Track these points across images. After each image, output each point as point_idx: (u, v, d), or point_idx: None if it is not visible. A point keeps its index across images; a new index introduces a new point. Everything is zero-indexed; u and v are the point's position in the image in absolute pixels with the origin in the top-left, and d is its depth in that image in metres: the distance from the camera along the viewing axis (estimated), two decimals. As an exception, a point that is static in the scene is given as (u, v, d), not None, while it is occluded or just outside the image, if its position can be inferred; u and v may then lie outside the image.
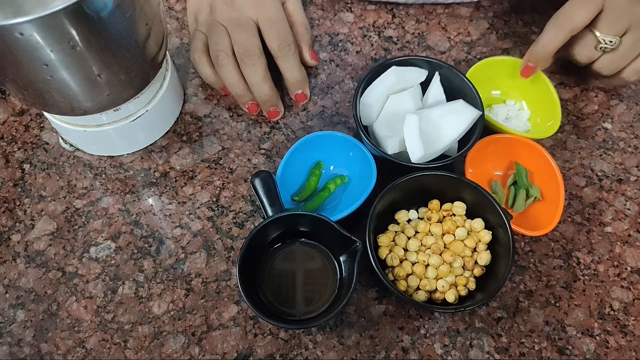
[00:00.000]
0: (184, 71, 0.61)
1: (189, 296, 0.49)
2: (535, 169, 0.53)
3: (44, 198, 0.54)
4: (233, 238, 0.52)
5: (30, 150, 0.56)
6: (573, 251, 0.52)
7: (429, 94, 0.54)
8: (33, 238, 0.52)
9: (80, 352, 0.47)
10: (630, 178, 0.56)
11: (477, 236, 0.48)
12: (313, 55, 0.59)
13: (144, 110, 0.52)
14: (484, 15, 0.66)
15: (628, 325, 0.48)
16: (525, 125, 0.57)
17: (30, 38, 0.36)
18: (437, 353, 0.47)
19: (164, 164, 0.56)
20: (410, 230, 0.49)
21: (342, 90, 0.61)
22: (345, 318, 0.48)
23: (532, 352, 0.47)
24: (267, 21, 0.55)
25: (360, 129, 0.50)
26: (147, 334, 0.48)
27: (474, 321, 0.48)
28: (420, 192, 0.50)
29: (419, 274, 0.47)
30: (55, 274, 0.50)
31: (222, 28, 0.54)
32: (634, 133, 0.58)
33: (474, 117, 0.51)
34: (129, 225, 0.52)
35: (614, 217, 0.54)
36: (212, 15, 0.55)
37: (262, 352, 0.47)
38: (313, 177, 0.53)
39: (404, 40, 0.64)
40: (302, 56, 0.59)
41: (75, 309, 0.49)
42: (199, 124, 0.58)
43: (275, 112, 0.57)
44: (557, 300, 0.49)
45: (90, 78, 0.43)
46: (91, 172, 0.55)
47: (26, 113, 0.59)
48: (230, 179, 0.55)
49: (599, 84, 0.61)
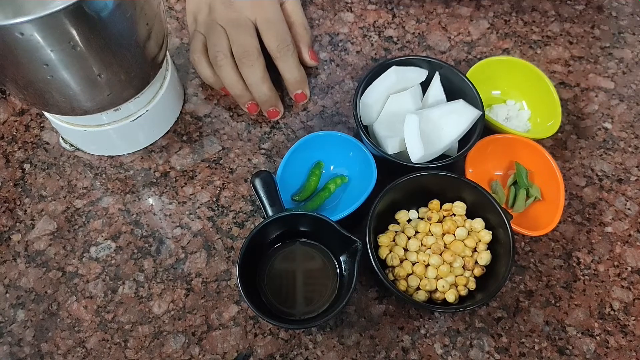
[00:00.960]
0: (184, 71, 0.61)
1: (189, 296, 0.49)
2: (536, 169, 0.53)
3: (44, 198, 0.54)
4: (233, 238, 0.52)
5: (30, 150, 0.57)
6: (573, 251, 0.52)
7: (429, 94, 0.54)
8: (33, 238, 0.52)
9: (80, 352, 0.47)
10: (631, 178, 0.56)
11: (477, 236, 0.48)
12: (313, 56, 0.59)
13: (144, 110, 0.52)
14: (484, 15, 0.66)
15: (628, 325, 0.48)
16: (525, 125, 0.57)
17: (31, 38, 0.36)
18: (437, 353, 0.47)
19: (164, 164, 0.56)
20: (411, 230, 0.49)
21: (342, 90, 0.61)
22: (345, 318, 0.48)
23: (532, 352, 0.47)
24: (265, 22, 0.55)
25: (361, 129, 0.50)
26: (147, 333, 0.48)
27: (474, 321, 0.48)
28: (421, 192, 0.50)
29: (419, 274, 0.47)
30: (55, 274, 0.50)
31: (221, 29, 0.54)
32: (634, 133, 0.58)
33: (474, 117, 0.50)
34: (129, 225, 0.52)
35: (614, 217, 0.54)
36: (210, 15, 0.55)
37: (262, 352, 0.47)
38: (313, 177, 0.53)
39: (404, 40, 0.64)
40: (301, 57, 0.58)
41: (76, 308, 0.49)
42: (199, 123, 0.58)
43: (275, 112, 0.57)
44: (557, 300, 0.49)
45: (90, 78, 0.43)
46: (91, 172, 0.55)
47: (26, 113, 0.59)
48: (230, 179, 0.55)
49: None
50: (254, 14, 0.55)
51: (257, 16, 0.55)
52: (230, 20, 0.54)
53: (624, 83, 0.62)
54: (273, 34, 0.55)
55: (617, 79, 0.62)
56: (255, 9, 0.55)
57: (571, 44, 0.64)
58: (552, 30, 0.65)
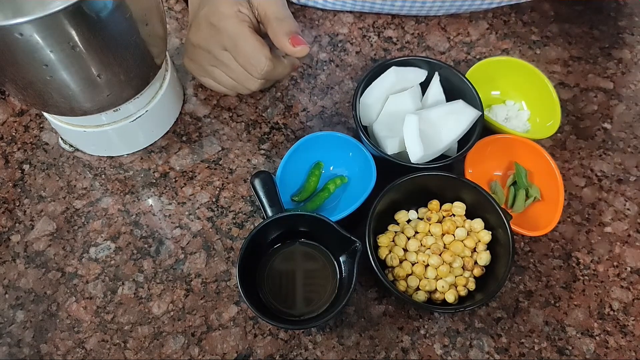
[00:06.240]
0: (183, 71, 0.61)
1: (189, 296, 0.49)
2: (535, 169, 0.53)
3: (44, 198, 0.54)
4: (233, 238, 0.52)
5: (29, 151, 0.56)
6: (573, 251, 0.52)
7: (428, 94, 0.54)
8: (33, 238, 0.52)
9: (80, 353, 0.47)
10: (630, 178, 0.56)
11: (477, 236, 0.48)
12: (295, 41, 0.49)
13: (143, 110, 0.52)
14: (484, 15, 0.66)
15: (628, 326, 0.48)
16: (524, 126, 0.57)
17: (30, 38, 0.36)
18: (437, 353, 0.47)
19: (164, 165, 0.56)
20: (410, 230, 0.49)
21: (342, 90, 0.61)
22: (345, 318, 0.48)
23: (532, 352, 0.47)
24: (233, 49, 0.50)
25: (360, 129, 0.50)
26: (146, 334, 0.48)
27: (474, 321, 0.48)
28: (420, 193, 0.50)
29: (419, 274, 0.47)
30: (54, 275, 0.50)
31: (203, 52, 0.52)
32: (633, 133, 0.58)
33: (474, 118, 0.51)
34: (129, 225, 0.52)
35: (613, 217, 0.54)
36: (196, 35, 0.52)
37: (261, 353, 0.47)
38: (313, 177, 0.53)
39: (404, 40, 0.64)
40: (284, 49, 0.50)
41: (75, 309, 0.49)
42: (199, 124, 0.58)
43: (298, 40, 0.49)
44: (557, 300, 0.49)
45: (89, 78, 0.43)
46: (91, 172, 0.55)
47: (26, 113, 0.59)
48: (230, 179, 0.55)
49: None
50: (221, 43, 0.50)
51: (225, 45, 0.50)
52: (209, 49, 0.52)
53: (623, 83, 0.62)
54: (242, 62, 0.50)
55: (616, 79, 0.62)
56: (217, 38, 0.50)
57: (570, 45, 0.64)
58: (551, 31, 0.65)
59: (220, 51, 0.51)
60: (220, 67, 0.52)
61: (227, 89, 0.55)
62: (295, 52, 0.49)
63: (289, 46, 0.49)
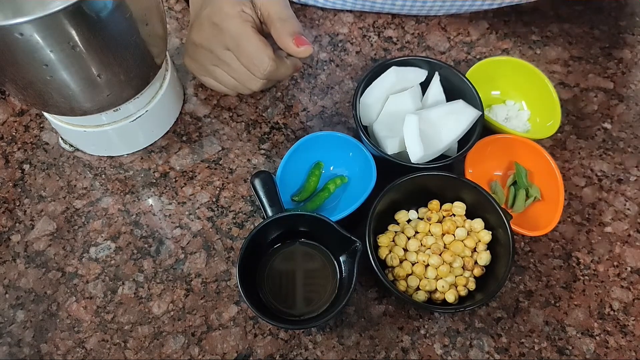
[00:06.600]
0: (183, 71, 0.61)
1: (189, 296, 0.49)
2: (535, 169, 0.53)
3: (44, 198, 0.54)
4: (233, 238, 0.52)
5: (30, 151, 0.56)
6: (573, 251, 0.52)
7: (428, 94, 0.54)
8: (33, 238, 0.52)
9: (80, 353, 0.47)
10: (630, 178, 0.56)
11: (477, 236, 0.48)
12: (299, 42, 0.49)
13: (143, 110, 0.52)
14: (484, 15, 0.66)
15: (628, 325, 0.48)
16: (525, 126, 0.57)
17: (30, 38, 0.36)
18: (437, 353, 0.47)
19: (164, 164, 0.56)
20: (410, 230, 0.49)
21: (342, 90, 0.61)
22: (345, 318, 0.48)
23: (532, 352, 0.47)
24: (236, 49, 0.50)
25: (360, 129, 0.50)
26: (147, 334, 0.48)
27: (474, 321, 0.48)
28: (420, 192, 0.50)
29: (419, 274, 0.47)
30: (55, 274, 0.50)
31: (205, 52, 0.52)
32: (633, 133, 0.58)
33: (474, 117, 0.51)
34: (129, 225, 0.52)
35: (613, 217, 0.54)
36: (198, 35, 0.52)
37: (262, 353, 0.47)
38: (313, 177, 0.53)
39: (404, 40, 0.64)
40: (288, 50, 0.50)
41: (75, 309, 0.49)
42: (199, 124, 0.58)
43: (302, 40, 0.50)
44: (557, 300, 0.49)
45: (90, 78, 0.43)
46: (91, 172, 0.55)
47: (26, 113, 0.59)
48: (230, 179, 0.55)
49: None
50: (223, 43, 0.50)
51: (227, 45, 0.50)
52: (212, 49, 0.51)
53: (623, 83, 0.62)
54: (245, 62, 0.50)
55: (617, 79, 0.62)
56: (220, 38, 0.50)
57: (570, 45, 0.64)
58: (551, 31, 0.65)
59: (222, 51, 0.51)
60: (222, 66, 0.52)
61: (229, 88, 0.55)
62: (299, 52, 0.49)
63: (292, 46, 0.49)
